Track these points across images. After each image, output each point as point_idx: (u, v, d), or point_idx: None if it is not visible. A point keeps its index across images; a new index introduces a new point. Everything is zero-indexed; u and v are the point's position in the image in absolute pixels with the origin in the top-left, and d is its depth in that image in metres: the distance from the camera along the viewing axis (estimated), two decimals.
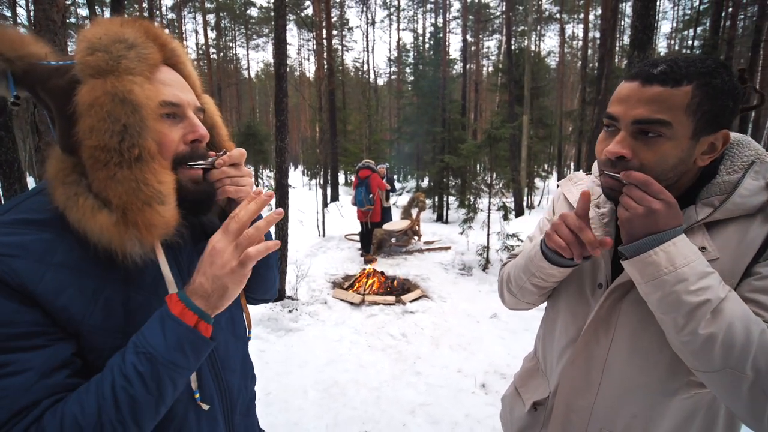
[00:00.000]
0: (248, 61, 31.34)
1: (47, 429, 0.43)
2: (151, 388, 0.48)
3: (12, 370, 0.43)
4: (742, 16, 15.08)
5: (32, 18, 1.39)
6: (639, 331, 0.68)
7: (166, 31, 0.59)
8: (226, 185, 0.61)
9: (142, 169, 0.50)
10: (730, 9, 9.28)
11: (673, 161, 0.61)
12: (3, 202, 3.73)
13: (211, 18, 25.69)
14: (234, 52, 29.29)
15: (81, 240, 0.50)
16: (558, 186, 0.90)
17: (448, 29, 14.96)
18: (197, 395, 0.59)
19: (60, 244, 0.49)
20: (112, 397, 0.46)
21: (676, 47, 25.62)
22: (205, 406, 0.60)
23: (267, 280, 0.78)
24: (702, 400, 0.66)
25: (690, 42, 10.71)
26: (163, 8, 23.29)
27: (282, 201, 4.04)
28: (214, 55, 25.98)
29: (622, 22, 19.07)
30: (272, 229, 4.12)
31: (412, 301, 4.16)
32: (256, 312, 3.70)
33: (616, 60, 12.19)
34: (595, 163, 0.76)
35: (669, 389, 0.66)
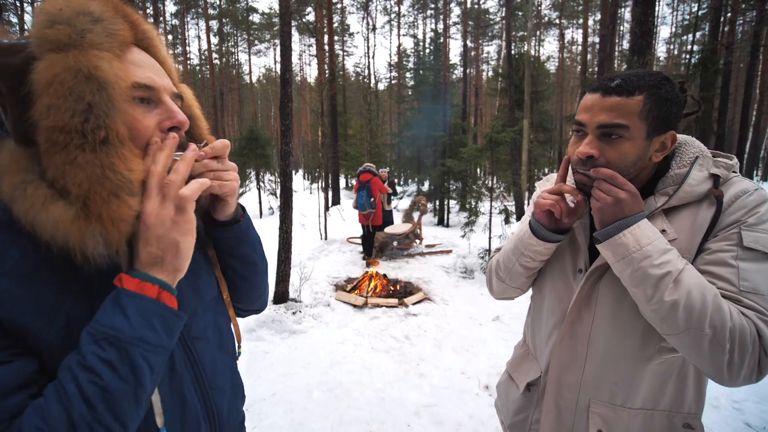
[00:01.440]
0: (250, 66, 31.53)
1: None
2: (124, 374, 0.41)
3: None
4: (741, 21, 15.21)
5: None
6: (616, 306, 0.77)
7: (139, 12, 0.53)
8: (213, 179, 0.54)
9: (108, 153, 0.43)
10: (729, 14, 9.36)
11: (633, 158, 0.73)
12: None
13: (214, 24, 25.95)
14: (236, 57, 29.52)
15: (37, 244, 0.43)
16: (536, 187, 1.02)
17: (448, 34, 15.09)
18: None
19: (12, 248, 0.42)
20: (79, 395, 0.39)
21: (675, 52, 25.78)
22: None
23: (255, 287, 0.71)
24: (673, 364, 0.76)
25: (689, 47, 10.77)
26: (167, 14, 23.54)
27: (286, 204, 4.08)
28: (217, 61, 26.20)
29: (621, 27, 19.21)
30: (275, 233, 4.17)
31: (414, 304, 4.18)
32: (260, 314, 3.73)
33: (616, 65, 12.27)
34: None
35: (644, 356, 0.76)
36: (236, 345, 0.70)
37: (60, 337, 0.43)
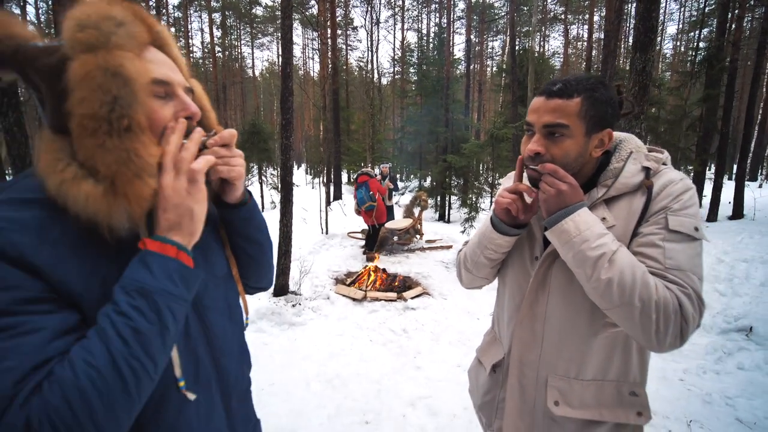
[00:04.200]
0: (253, 59, 31.43)
1: (61, 379, 0.43)
2: (152, 319, 0.48)
3: (27, 329, 0.44)
4: (750, 18, 14.99)
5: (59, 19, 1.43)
6: (566, 287, 0.86)
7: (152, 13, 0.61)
8: (218, 165, 0.61)
9: (131, 139, 0.50)
10: (737, 11, 9.24)
11: (574, 154, 0.81)
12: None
13: (217, 17, 25.83)
14: (239, 50, 29.41)
15: (75, 220, 0.50)
16: (501, 183, 1.12)
17: (452, 29, 14.97)
18: (182, 383, 0.58)
19: (56, 222, 0.49)
20: (116, 335, 0.46)
21: (682, 49, 25.48)
22: (191, 396, 0.59)
23: (261, 264, 0.78)
24: (617, 338, 0.85)
25: (695, 44, 10.66)
26: (170, 7, 23.44)
27: (287, 198, 4.11)
28: (219, 54, 26.11)
29: (628, 24, 19.01)
30: (276, 227, 4.19)
31: (413, 298, 4.22)
32: (260, 306, 3.78)
33: (621, 61, 12.16)
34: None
35: (592, 330, 0.85)
36: (244, 317, 0.77)
37: (97, 293, 0.50)
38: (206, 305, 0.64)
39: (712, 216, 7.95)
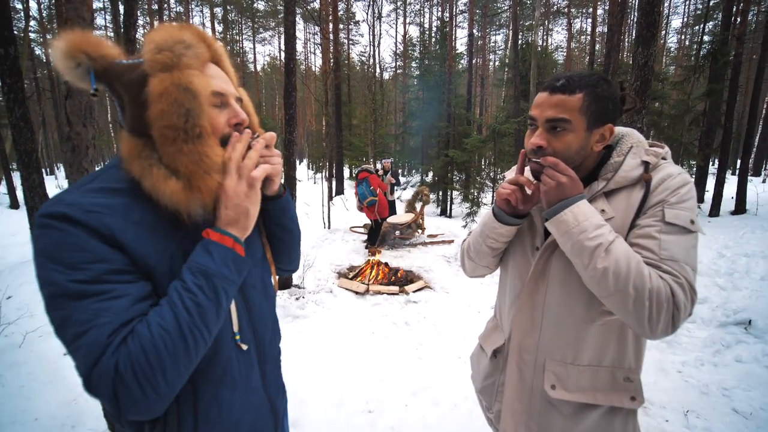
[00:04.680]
0: (254, 54, 31.30)
1: (141, 336, 0.54)
2: (211, 296, 0.58)
3: (115, 294, 0.54)
4: (755, 11, 14.81)
5: (63, 14, 1.48)
6: (565, 276, 0.89)
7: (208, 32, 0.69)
8: (261, 163, 0.70)
9: (202, 144, 0.61)
10: (742, 4, 9.14)
11: (576, 148, 0.84)
12: (23, 191, 3.81)
13: (219, 11, 25.70)
14: (240, 45, 29.30)
15: (151, 205, 0.60)
16: (505, 176, 1.15)
17: (454, 23, 14.86)
18: (238, 337, 0.70)
19: (136, 207, 0.60)
20: (182, 305, 0.56)
21: (687, 42, 25.21)
22: (244, 346, 0.71)
23: (291, 249, 0.89)
24: (613, 326, 0.88)
25: (700, 37, 10.56)
26: (171, 1, 23.35)
27: (290, 194, 4.14)
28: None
29: (631, 17, 18.81)
30: None
31: (415, 292, 4.27)
32: None
33: (624, 55, 12.06)
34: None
35: (589, 318, 0.88)
36: (275, 292, 0.88)
37: (167, 267, 0.61)
38: (247, 282, 0.75)
39: (715, 211, 7.94)
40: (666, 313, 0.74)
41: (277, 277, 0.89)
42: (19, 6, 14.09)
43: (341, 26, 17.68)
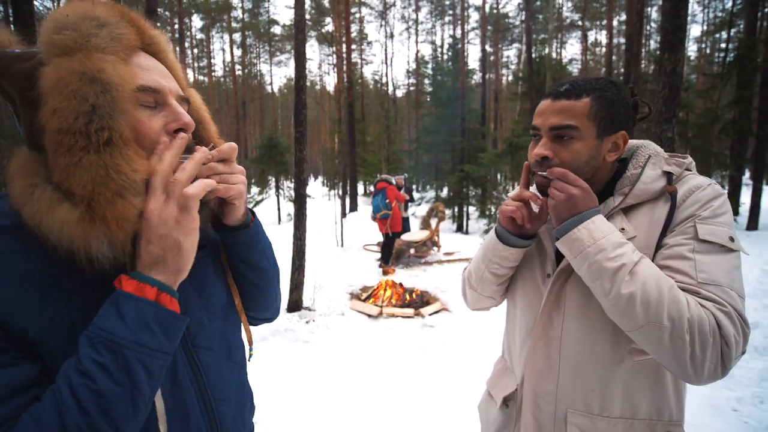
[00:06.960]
0: (271, 76, 32.47)
1: None
2: (120, 378, 0.40)
3: None
4: None
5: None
6: (583, 306, 0.76)
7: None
8: (219, 181, 0.54)
9: (112, 154, 0.43)
10: (767, 9, 8.82)
11: (585, 157, 0.74)
12: None
13: (237, 37, 26.83)
14: (258, 68, 30.38)
15: (45, 249, 0.43)
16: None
17: (466, 40, 14.97)
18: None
19: (17, 254, 0.43)
20: (73, 400, 0.39)
21: (707, 51, 24.63)
22: None
23: (266, 295, 0.70)
24: (647, 368, 0.73)
25: (723, 45, 10.21)
26: (193, 29, 24.56)
27: (300, 211, 4.06)
28: (239, 72, 27.03)
29: (648, 27, 18.52)
30: (290, 240, 4.13)
31: (431, 314, 4.05)
32: (274, 322, 3.68)
33: (643, 65, 11.79)
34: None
35: (616, 358, 0.74)
36: (247, 349, 0.69)
37: (65, 339, 0.43)
38: (199, 345, 0.56)
39: (753, 224, 7.44)
40: (713, 349, 0.60)
41: (250, 329, 0.69)
42: None
43: (354, 47, 18.08)
